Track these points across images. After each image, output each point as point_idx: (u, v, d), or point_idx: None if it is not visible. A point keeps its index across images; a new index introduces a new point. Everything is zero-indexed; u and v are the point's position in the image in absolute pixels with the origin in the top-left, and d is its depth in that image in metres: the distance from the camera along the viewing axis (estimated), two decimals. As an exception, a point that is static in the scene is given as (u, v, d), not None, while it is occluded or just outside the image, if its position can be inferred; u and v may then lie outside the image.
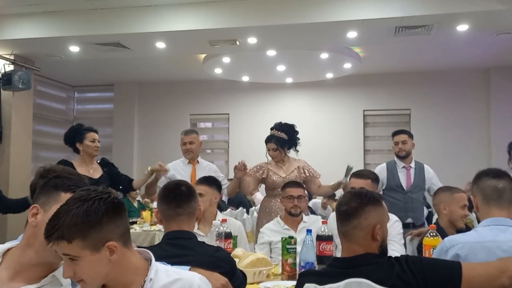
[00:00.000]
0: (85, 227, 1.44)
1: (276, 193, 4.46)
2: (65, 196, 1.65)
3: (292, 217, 3.68)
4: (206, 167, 4.84)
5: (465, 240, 2.15)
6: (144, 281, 1.57)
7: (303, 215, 3.78)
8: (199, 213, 2.35)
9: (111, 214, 1.51)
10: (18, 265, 1.64)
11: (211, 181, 3.68)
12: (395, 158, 4.98)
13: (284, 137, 4.66)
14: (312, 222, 3.71)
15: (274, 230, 3.71)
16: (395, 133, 5.02)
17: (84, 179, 1.99)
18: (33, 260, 1.64)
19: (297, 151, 4.80)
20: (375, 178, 3.57)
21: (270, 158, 4.70)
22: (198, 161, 4.86)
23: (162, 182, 4.57)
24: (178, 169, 4.75)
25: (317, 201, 7.40)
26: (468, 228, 3.20)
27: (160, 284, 1.58)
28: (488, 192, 2.25)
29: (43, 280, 1.63)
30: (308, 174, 4.60)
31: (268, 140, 4.69)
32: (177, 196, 2.25)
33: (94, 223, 1.46)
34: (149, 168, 4.56)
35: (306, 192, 3.87)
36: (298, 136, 4.78)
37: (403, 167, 4.93)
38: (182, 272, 1.67)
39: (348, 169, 4.57)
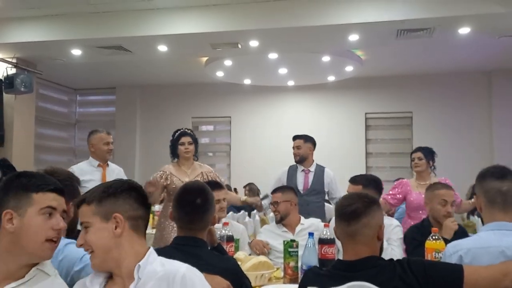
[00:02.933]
0: (104, 194, 1.65)
1: None
2: (37, 197, 1.64)
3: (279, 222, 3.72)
4: (115, 171, 4.49)
5: (468, 245, 2.13)
6: (139, 266, 1.62)
7: (301, 218, 3.78)
8: (214, 221, 2.27)
9: (129, 195, 1.68)
10: (1, 273, 1.61)
11: (219, 186, 3.71)
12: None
13: (195, 137, 4.43)
14: (310, 224, 3.71)
15: (272, 232, 3.73)
16: (293, 138, 5.02)
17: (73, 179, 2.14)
18: (15, 265, 1.61)
19: (197, 159, 4.52)
20: (367, 184, 3.52)
21: (168, 168, 4.32)
22: (108, 164, 4.47)
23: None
24: (85, 173, 4.16)
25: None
26: (461, 229, 3.19)
27: (147, 270, 1.62)
28: (491, 195, 2.17)
29: (27, 275, 1.62)
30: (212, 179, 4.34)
31: (183, 133, 4.36)
32: (192, 211, 2.14)
33: (112, 193, 1.66)
34: None
35: (289, 195, 3.82)
36: (197, 145, 4.51)
37: (302, 170, 4.91)
38: (173, 262, 1.69)
39: (265, 196, 4.51)
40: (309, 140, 4.99)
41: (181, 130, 4.45)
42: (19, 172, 1.76)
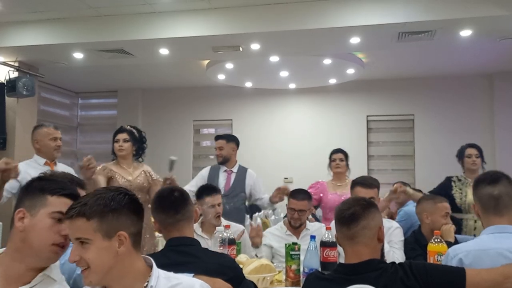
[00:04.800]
0: (106, 209, 1.54)
1: None
2: (52, 200, 1.67)
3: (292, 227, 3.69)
4: (64, 170, 3.99)
5: (468, 248, 2.15)
6: (145, 287, 1.58)
7: (307, 222, 3.77)
8: (196, 216, 2.34)
9: (132, 210, 1.60)
10: (10, 271, 1.63)
11: (213, 189, 3.70)
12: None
13: (136, 134, 4.33)
14: (315, 229, 3.69)
15: (276, 235, 3.70)
16: (215, 139, 4.97)
17: (74, 183, 1.96)
18: (22, 267, 1.63)
19: (142, 160, 4.45)
20: (379, 186, 3.55)
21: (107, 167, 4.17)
22: (56, 163, 4.19)
23: (13, 187, 3.59)
24: (32, 171, 3.68)
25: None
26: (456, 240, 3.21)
27: None
28: (485, 201, 2.24)
29: (33, 280, 1.63)
30: (154, 178, 4.34)
31: (120, 130, 4.30)
32: (173, 203, 2.22)
33: (114, 209, 1.55)
34: None
35: (311, 203, 3.78)
36: (145, 145, 4.46)
37: (225, 171, 4.86)
38: (182, 277, 1.67)
39: (171, 162, 4.28)
40: (231, 140, 4.92)
41: (121, 127, 4.36)
42: (41, 175, 1.80)
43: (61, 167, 4.18)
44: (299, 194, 3.73)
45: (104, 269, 1.53)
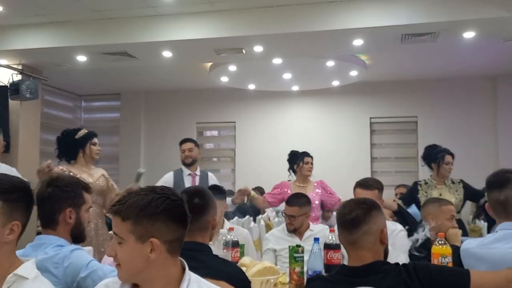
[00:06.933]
0: (141, 214, 1.50)
1: None
2: None
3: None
4: (6, 171, 3.92)
5: (469, 245, 2.16)
6: None
7: (310, 223, 3.76)
8: (214, 223, 2.26)
9: (170, 216, 1.53)
10: None
11: (221, 191, 3.69)
12: (182, 166, 5.02)
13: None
14: (318, 230, 3.69)
15: (279, 237, 3.69)
16: (182, 142, 5.10)
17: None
18: None
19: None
20: (381, 188, 3.54)
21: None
22: None
23: None
24: None
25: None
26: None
27: None
28: (493, 206, 2.26)
29: (4, 283, 1.59)
30: (111, 184, 4.31)
31: (94, 134, 4.41)
32: (190, 210, 2.16)
33: (150, 214, 1.50)
34: None
35: (306, 208, 3.77)
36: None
37: (189, 174, 4.98)
38: (213, 286, 1.65)
39: (138, 174, 4.41)
40: (197, 144, 5.12)
41: (89, 131, 4.42)
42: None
43: (4, 168, 4.06)
44: (292, 199, 3.76)
45: (133, 270, 1.52)
